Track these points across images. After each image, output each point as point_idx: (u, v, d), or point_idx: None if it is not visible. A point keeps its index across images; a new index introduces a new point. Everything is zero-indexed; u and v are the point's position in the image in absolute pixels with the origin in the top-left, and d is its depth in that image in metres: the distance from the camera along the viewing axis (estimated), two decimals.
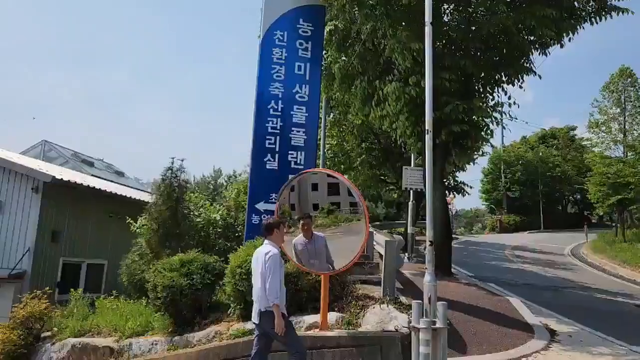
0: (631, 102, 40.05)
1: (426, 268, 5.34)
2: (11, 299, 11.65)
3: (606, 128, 40.76)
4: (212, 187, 28.42)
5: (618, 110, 40.25)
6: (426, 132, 5.50)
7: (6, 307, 11.39)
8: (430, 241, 5.42)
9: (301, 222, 6.55)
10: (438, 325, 4.96)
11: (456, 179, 22.23)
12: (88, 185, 14.18)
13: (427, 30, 5.95)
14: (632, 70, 40.38)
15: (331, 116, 18.36)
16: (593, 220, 48.79)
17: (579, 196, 56.31)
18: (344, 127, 18.99)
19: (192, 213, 11.80)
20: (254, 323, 5.77)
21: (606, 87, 40.94)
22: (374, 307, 6.72)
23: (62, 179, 12.86)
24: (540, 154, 51.78)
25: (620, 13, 10.35)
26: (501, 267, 19.19)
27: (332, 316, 6.55)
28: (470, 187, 27.71)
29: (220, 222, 11.97)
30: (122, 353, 8.00)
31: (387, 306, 6.65)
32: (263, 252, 5.70)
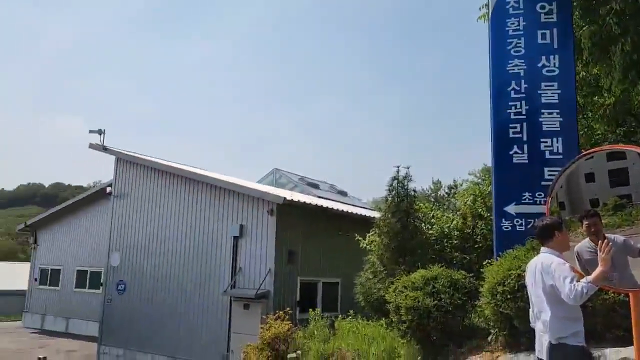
0: None
1: None
2: (259, 317, 12.07)
3: None
4: (432, 200, 27.19)
5: None
6: None
7: (256, 326, 11.82)
8: None
9: (584, 222, 4.88)
10: None
11: None
12: (316, 205, 14.29)
13: None
14: None
15: None
16: None
17: None
18: (590, 112, 15.90)
19: (423, 225, 10.79)
20: (540, 359, 4.34)
21: None
22: None
23: (292, 200, 13.12)
24: None
25: None
26: None
27: None
28: None
29: (455, 233, 10.68)
30: None
31: None
32: (544, 263, 4.26)
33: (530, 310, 4.48)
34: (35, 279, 24.45)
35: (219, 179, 14.92)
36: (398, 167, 10.55)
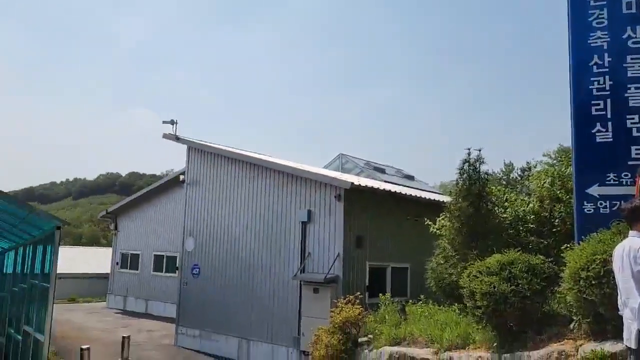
0: None
1: None
2: (328, 301, 12.23)
3: None
4: (504, 182, 26.28)
5: None
6: None
7: (326, 309, 11.99)
8: None
9: None
10: None
11: None
12: (384, 189, 14.19)
13: None
14: None
15: None
16: None
17: None
18: None
19: (495, 208, 10.45)
20: (628, 347, 4.13)
21: None
22: None
23: (359, 184, 13.09)
24: None
25: None
26: None
27: None
28: None
29: (531, 217, 10.27)
30: None
31: None
32: (632, 247, 4.04)
33: (618, 297, 4.26)
34: (117, 263, 25.99)
35: (286, 165, 15.12)
36: (469, 149, 10.26)
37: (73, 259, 29.04)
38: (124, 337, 14.66)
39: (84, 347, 13.25)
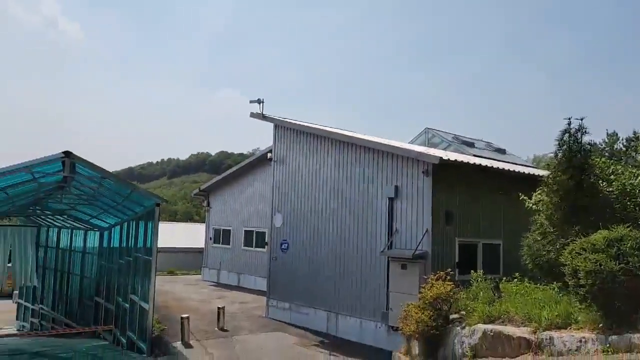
0: None
1: None
2: (417, 277, 12.09)
3: None
4: (607, 154, 24.37)
5: None
6: None
7: (414, 285, 11.90)
8: None
9: None
10: None
11: None
12: (474, 164, 13.66)
13: None
14: None
15: None
16: None
17: None
18: None
19: (599, 182, 9.73)
20: None
21: None
22: None
23: (448, 159, 12.68)
24: None
25: None
26: None
27: None
28: None
29: None
30: (541, 347, 6.83)
31: None
32: None
33: None
34: (210, 238, 27.32)
35: (372, 141, 14.97)
36: (569, 119, 9.60)
37: (170, 234, 30.88)
38: (219, 308, 15.52)
39: (184, 316, 14.23)
